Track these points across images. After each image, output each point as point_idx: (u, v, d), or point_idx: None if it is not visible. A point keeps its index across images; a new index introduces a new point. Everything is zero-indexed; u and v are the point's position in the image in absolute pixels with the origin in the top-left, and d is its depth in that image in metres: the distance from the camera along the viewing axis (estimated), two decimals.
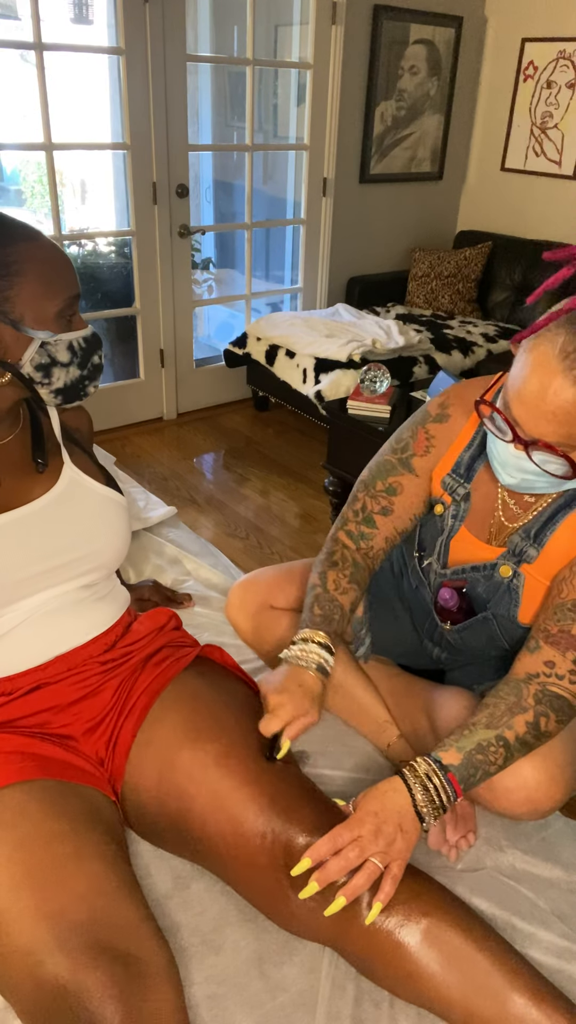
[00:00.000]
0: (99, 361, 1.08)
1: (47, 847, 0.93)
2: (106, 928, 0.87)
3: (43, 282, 0.97)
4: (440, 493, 1.25)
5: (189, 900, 1.13)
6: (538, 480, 1.05)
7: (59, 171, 2.98)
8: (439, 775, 1.01)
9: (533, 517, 1.16)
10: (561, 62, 3.63)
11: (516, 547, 1.17)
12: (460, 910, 0.99)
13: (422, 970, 0.94)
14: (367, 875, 0.96)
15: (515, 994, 0.92)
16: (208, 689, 1.19)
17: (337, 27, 3.38)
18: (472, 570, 1.23)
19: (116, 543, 1.17)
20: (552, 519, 1.14)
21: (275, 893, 1.01)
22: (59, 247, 1.01)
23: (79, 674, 1.14)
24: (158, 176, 3.17)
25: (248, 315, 3.82)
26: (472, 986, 0.93)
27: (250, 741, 1.11)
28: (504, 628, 1.24)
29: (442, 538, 1.25)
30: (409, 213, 4.09)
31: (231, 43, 4.62)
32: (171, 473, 3.14)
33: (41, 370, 1.01)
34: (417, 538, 1.33)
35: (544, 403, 0.94)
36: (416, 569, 1.34)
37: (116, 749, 1.13)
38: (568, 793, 1.13)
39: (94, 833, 0.98)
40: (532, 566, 1.17)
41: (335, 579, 1.23)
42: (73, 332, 1.02)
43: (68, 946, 0.84)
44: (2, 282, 0.95)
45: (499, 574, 1.20)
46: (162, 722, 1.13)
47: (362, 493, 1.29)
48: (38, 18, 2.68)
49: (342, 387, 3.02)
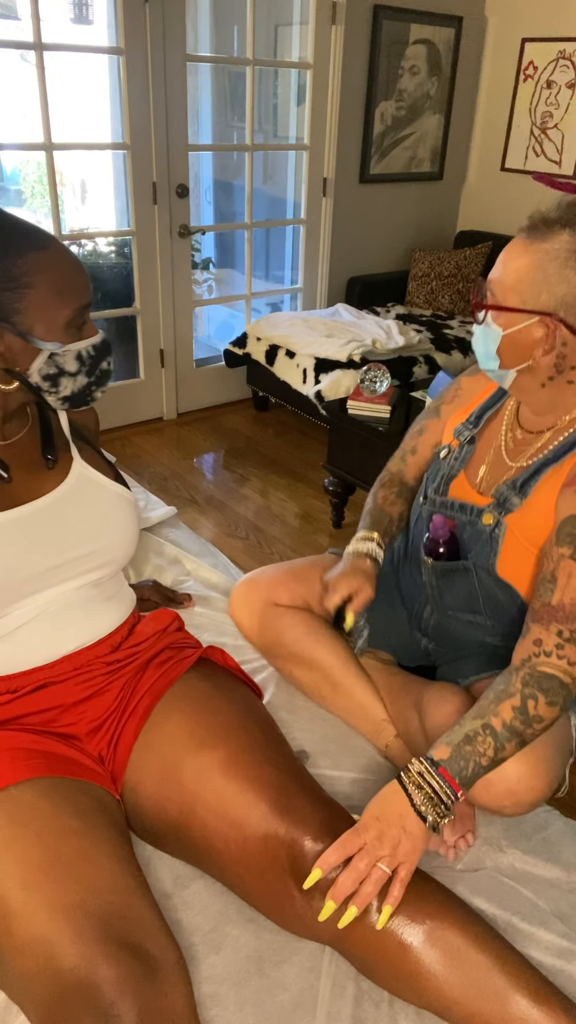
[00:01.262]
0: (108, 367, 1.07)
1: (62, 842, 0.94)
2: (122, 923, 0.88)
3: (53, 293, 0.96)
4: (449, 440, 1.36)
5: (189, 899, 1.13)
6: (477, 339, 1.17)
7: (59, 171, 2.99)
8: (431, 772, 1.02)
9: (522, 471, 1.21)
10: (561, 62, 3.63)
11: (501, 496, 1.22)
12: (461, 911, 0.99)
13: (424, 970, 0.95)
14: (375, 882, 0.97)
15: (516, 994, 0.92)
16: (211, 692, 1.19)
17: (337, 27, 3.38)
18: (460, 509, 1.28)
19: (125, 539, 1.17)
20: (538, 472, 1.19)
21: (279, 895, 1.01)
22: (71, 254, 1.00)
23: (84, 674, 1.14)
24: (158, 176, 3.17)
25: (248, 315, 3.82)
26: (473, 986, 0.93)
27: (253, 745, 1.11)
28: (482, 583, 1.26)
29: (444, 474, 1.33)
30: (409, 213, 4.09)
31: (231, 43, 4.62)
32: (171, 473, 3.14)
33: (49, 380, 1.01)
34: (425, 486, 1.38)
35: (504, 250, 1.12)
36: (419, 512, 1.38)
37: (117, 749, 1.13)
38: (551, 787, 1.13)
39: (106, 830, 0.98)
40: (514, 516, 1.20)
41: (384, 495, 1.46)
42: (83, 341, 1.01)
43: (85, 938, 0.85)
44: (11, 295, 0.94)
45: (482, 522, 1.24)
46: (164, 725, 1.13)
47: (407, 434, 1.51)
48: (38, 18, 2.68)
49: (342, 387, 3.02)
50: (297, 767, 1.14)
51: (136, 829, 1.16)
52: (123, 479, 1.22)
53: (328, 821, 1.04)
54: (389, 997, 1.02)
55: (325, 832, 1.02)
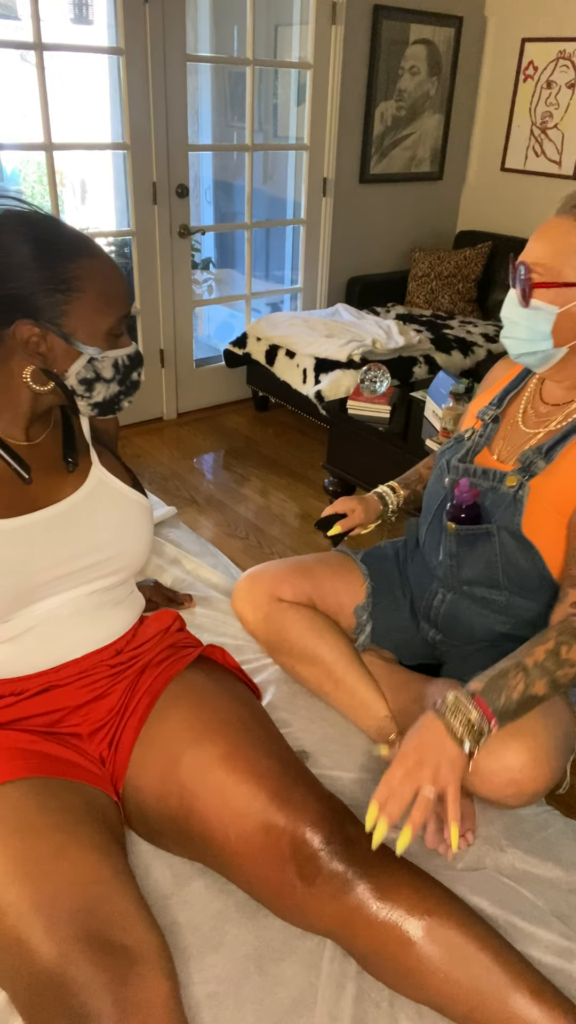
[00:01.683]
0: (138, 378, 1.08)
1: (39, 838, 0.94)
2: (96, 917, 0.88)
3: (100, 299, 0.98)
4: (474, 423, 1.40)
5: (189, 898, 1.13)
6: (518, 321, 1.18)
7: (59, 171, 2.99)
8: (468, 701, 1.05)
9: (550, 436, 1.25)
10: (561, 62, 3.63)
11: (527, 459, 1.25)
12: (462, 909, 1.00)
13: (425, 965, 0.95)
14: (422, 807, 1.01)
15: (516, 992, 0.92)
16: (210, 689, 1.19)
17: (337, 27, 3.38)
18: (483, 474, 1.30)
19: (140, 547, 1.17)
20: (565, 438, 1.23)
21: (280, 884, 1.02)
22: (116, 264, 1.02)
23: (88, 677, 1.15)
24: (158, 176, 3.17)
25: (248, 315, 3.82)
26: (474, 983, 0.93)
27: (252, 739, 1.11)
28: (504, 547, 1.27)
29: (468, 448, 1.37)
30: (409, 213, 4.09)
31: (231, 43, 4.62)
32: (171, 473, 3.14)
33: (84, 384, 1.02)
34: (448, 465, 1.39)
35: (544, 230, 1.15)
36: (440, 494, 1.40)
37: (118, 749, 1.14)
38: (553, 778, 1.13)
39: (87, 825, 0.98)
40: (538, 480, 1.22)
41: (424, 463, 1.60)
42: (119, 350, 1.03)
43: (58, 935, 0.85)
44: (60, 296, 0.95)
45: (505, 486, 1.25)
46: (165, 722, 1.14)
47: None
48: (38, 18, 2.68)
49: (342, 387, 3.02)
50: (296, 761, 1.14)
51: (138, 828, 1.16)
52: (141, 486, 1.22)
53: (328, 810, 1.05)
54: (389, 996, 1.02)
55: (326, 820, 1.03)
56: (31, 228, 0.95)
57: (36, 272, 0.94)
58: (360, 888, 0.99)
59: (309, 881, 1.00)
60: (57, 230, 0.97)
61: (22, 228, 0.95)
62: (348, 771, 1.36)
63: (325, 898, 0.99)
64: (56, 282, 0.95)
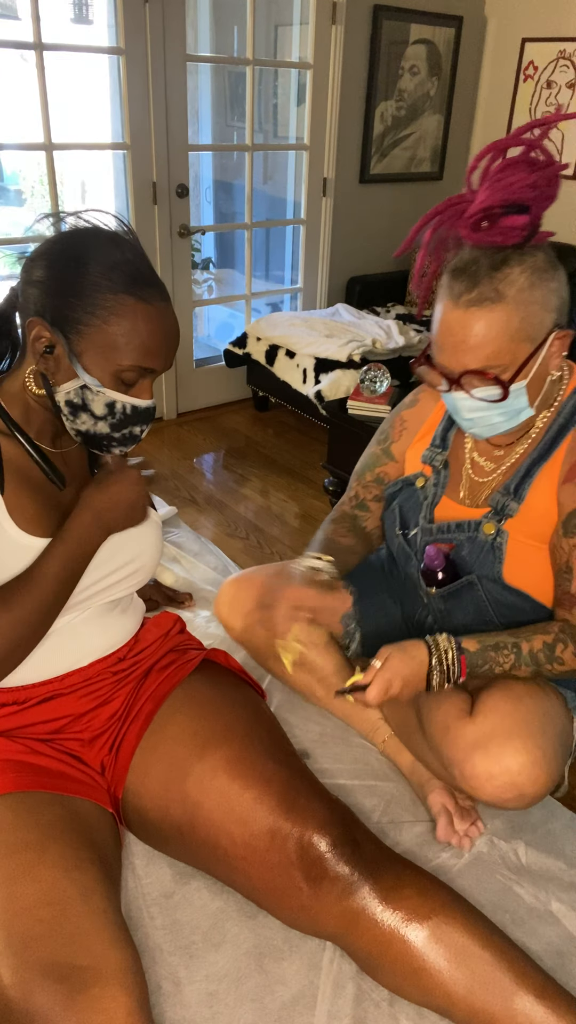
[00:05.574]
0: (139, 434, 1.05)
1: (7, 858, 0.93)
2: (52, 941, 0.87)
3: (121, 340, 0.95)
4: (420, 467, 1.35)
5: (189, 898, 1.13)
6: (491, 413, 1.13)
7: (59, 171, 2.98)
8: (455, 656, 1.12)
9: (511, 473, 1.22)
10: (561, 62, 3.63)
11: (498, 503, 1.22)
12: (465, 909, 1.00)
13: (428, 966, 0.95)
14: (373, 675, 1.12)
15: (521, 991, 0.92)
16: (214, 694, 1.19)
17: (337, 27, 3.38)
18: (456, 528, 1.27)
19: (151, 562, 1.17)
20: (529, 473, 1.20)
21: (285, 888, 1.01)
22: (170, 323, 0.98)
23: (92, 685, 1.14)
24: (158, 176, 3.17)
25: (248, 315, 3.82)
26: (478, 983, 0.93)
27: (257, 744, 1.11)
28: (489, 593, 1.25)
29: (427, 502, 1.31)
30: (409, 213, 4.09)
31: (231, 43, 4.62)
32: (171, 473, 3.14)
33: (70, 407, 1.00)
34: (399, 517, 1.35)
35: (455, 338, 1.09)
36: (402, 546, 1.35)
37: (119, 754, 1.13)
38: (553, 780, 1.14)
39: (59, 843, 0.96)
40: (514, 521, 1.21)
41: (334, 530, 1.41)
42: (126, 396, 0.99)
43: (16, 961, 0.84)
44: (84, 315, 0.94)
45: (483, 532, 1.23)
46: (168, 728, 1.14)
47: (355, 483, 1.45)
48: (38, 18, 2.68)
49: (342, 387, 3.02)
50: (301, 765, 1.14)
51: (139, 834, 1.16)
52: (152, 502, 1.22)
53: (334, 814, 1.05)
54: (389, 996, 1.03)
55: (332, 824, 1.03)
56: (110, 248, 0.95)
57: (76, 281, 0.93)
58: (365, 890, 0.99)
59: (315, 883, 1.00)
60: (127, 262, 0.96)
61: (107, 245, 0.96)
62: (349, 771, 1.36)
63: (330, 900, 0.99)
64: (86, 303, 0.93)
